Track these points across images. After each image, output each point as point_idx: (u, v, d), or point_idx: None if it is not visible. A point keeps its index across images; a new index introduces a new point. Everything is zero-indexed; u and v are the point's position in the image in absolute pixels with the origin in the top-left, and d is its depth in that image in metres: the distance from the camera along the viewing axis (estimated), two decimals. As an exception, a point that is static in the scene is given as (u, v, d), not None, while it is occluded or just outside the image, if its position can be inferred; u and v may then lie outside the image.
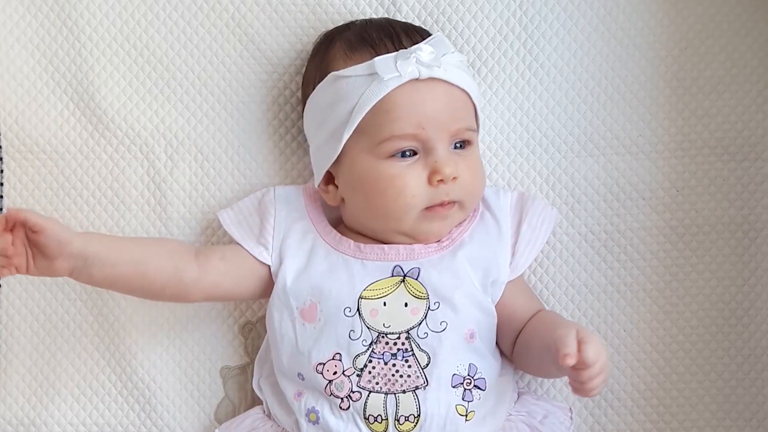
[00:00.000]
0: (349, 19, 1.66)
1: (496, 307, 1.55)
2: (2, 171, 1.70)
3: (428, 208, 1.50)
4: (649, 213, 1.67)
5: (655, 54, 1.68)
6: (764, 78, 1.67)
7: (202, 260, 1.54)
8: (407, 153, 1.49)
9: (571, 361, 1.34)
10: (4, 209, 1.70)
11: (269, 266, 1.56)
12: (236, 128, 1.69)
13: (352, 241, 1.55)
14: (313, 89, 1.55)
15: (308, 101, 1.56)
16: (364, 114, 1.47)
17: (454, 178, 1.48)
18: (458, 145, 1.51)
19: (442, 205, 1.49)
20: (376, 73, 1.47)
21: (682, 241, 1.67)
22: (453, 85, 1.49)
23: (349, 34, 1.57)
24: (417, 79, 1.47)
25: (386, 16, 1.68)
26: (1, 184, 1.70)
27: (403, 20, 1.67)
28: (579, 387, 1.39)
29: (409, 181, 1.48)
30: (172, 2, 1.70)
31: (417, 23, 1.67)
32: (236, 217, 1.61)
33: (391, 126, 1.47)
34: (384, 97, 1.47)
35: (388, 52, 1.49)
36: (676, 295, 1.67)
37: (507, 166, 1.68)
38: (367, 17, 1.66)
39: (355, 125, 1.48)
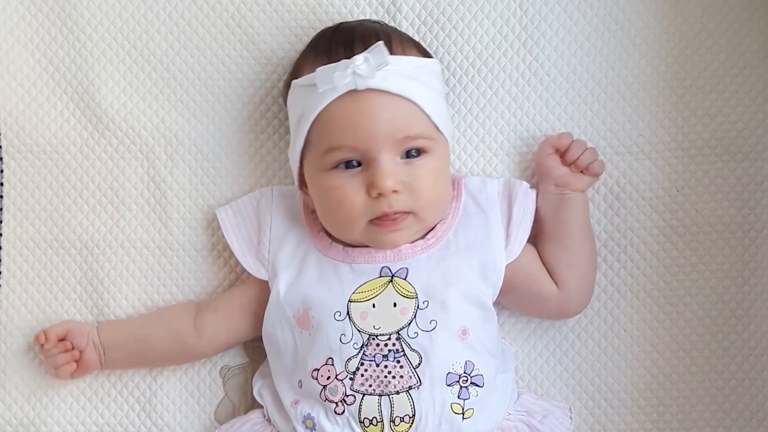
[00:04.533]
0: (349, 19, 1.66)
1: (512, 287, 1.56)
2: (2, 171, 1.70)
3: (374, 221, 1.48)
4: (649, 213, 1.67)
5: (655, 54, 1.67)
6: (764, 78, 1.67)
7: (198, 321, 1.61)
8: (353, 164, 1.48)
9: (546, 145, 1.61)
10: (4, 209, 1.70)
11: (264, 286, 1.58)
12: (236, 128, 1.69)
13: (341, 246, 1.55)
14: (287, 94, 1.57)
15: (287, 105, 1.58)
16: (308, 126, 1.48)
17: (395, 191, 1.46)
18: (412, 153, 1.49)
19: (386, 216, 1.48)
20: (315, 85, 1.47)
21: (682, 241, 1.67)
22: (395, 95, 1.47)
23: (321, 41, 1.57)
24: (356, 90, 1.45)
25: (386, 16, 1.68)
26: (1, 184, 1.70)
27: (404, 20, 1.67)
28: (580, 161, 1.59)
29: (348, 193, 1.47)
30: (172, 2, 1.70)
31: (417, 23, 1.68)
32: (235, 219, 1.61)
33: (330, 138, 1.47)
34: (324, 108, 1.46)
35: (338, 60, 1.47)
36: (676, 295, 1.67)
37: (507, 166, 1.68)
38: (366, 18, 1.66)
39: (303, 136, 1.49)
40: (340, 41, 1.52)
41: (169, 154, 1.69)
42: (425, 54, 1.58)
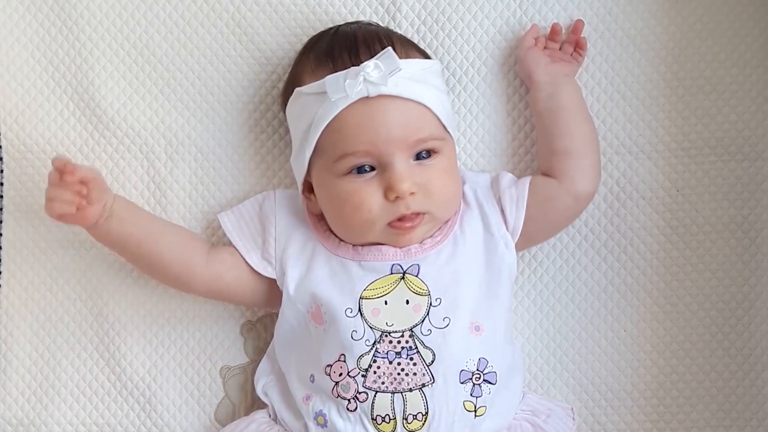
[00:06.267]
0: (349, 19, 1.66)
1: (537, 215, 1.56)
2: (2, 171, 1.70)
3: (392, 224, 1.49)
4: (649, 213, 1.67)
5: (655, 54, 1.67)
6: (764, 78, 1.67)
7: (212, 251, 1.60)
8: (366, 169, 1.49)
9: (525, 39, 1.64)
10: (3, 209, 1.70)
11: (274, 279, 1.58)
12: (236, 128, 1.69)
13: (350, 245, 1.55)
14: (287, 100, 1.56)
15: (286, 111, 1.58)
16: (318, 134, 1.48)
17: (412, 193, 1.47)
18: (424, 155, 1.50)
19: (404, 218, 1.49)
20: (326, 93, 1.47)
21: (682, 241, 1.67)
22: (406, 99, 1.48)
23: (319, 45, 1.57)
24: (367, 97, 1.46)
25: (386, 16, 1.68)
26: (1, 184, 1.70)
27: (404, 20, 1.67)
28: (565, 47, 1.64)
29: (365, 197, 1.48)
30: (172, 2, 1.70)
31: (417, 23, 1.68)
32: (237, 222, 1.61)
33: (343, 144, 1.47)
34: (335, 116, 1.47)
35: (345, 67, 1.48)
36: (676, 295, 1.67)
37: (506, 166, 1.68)
38: (366, 18, 1.67)
39: (313, 144, 1.49)
40: (343, 47, 1.52)
41: (169, 154, 1.69)
42: (424, 54, 1.59)
